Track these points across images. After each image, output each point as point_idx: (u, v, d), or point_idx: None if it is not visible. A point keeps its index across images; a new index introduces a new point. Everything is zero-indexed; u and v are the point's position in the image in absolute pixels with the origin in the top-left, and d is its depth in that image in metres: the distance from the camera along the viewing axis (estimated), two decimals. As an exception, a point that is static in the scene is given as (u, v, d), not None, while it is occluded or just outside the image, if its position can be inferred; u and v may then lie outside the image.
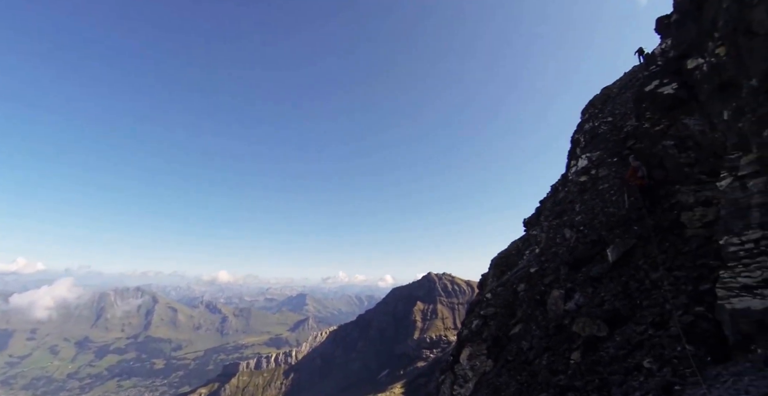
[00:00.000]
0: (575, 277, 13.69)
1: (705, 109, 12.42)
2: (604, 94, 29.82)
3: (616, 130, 21.09)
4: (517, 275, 17.41)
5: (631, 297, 11.18)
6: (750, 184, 8.31)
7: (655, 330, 9.36)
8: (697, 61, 12.44)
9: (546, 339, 12.47)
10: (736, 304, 7.31)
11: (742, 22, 9.37)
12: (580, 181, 19.15)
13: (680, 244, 11.40)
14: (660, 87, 14.19)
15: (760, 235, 7.65)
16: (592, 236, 14.71)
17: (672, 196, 12.97)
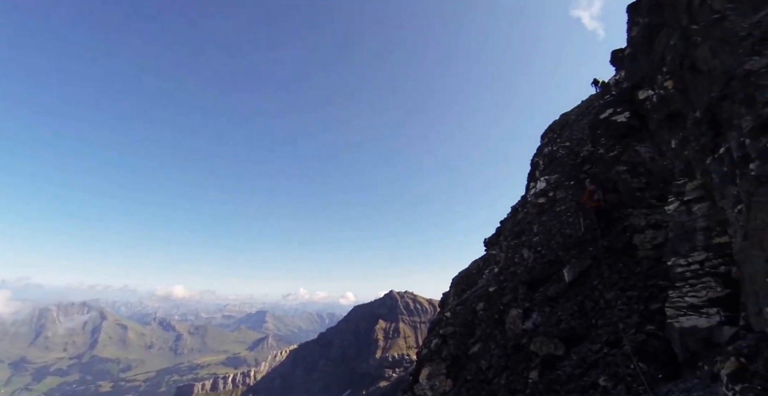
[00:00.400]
0: (533, 297, 13.93)
1: (655, 137, 13.11)
2: (563, 119, 30.98)
3: (573, 154, 21.89)
4: (476, 294, 17.60)
5: (586, 316, 11.43)
6: (695, 208, 8.77)
7: (610, 348, 9.56)
8: (648, 92, 13.15)
9: (505, 358, 12.60)
10: (684, 323, 7.56)
11: (688, 58, 9.99)
12: (538, 202, 19.68)
13: (632, 265, 11.83)
14: (614, 115, 14.90)
15: (704, 257, 8.00)
16: (550, 256, 15.06)
17: (625, 219, 13.50)
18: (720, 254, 7.83)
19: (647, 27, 13.44)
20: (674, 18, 12.22)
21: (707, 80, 9.07)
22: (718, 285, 7.54)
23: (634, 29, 14.62)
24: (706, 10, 10.58)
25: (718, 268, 7.75)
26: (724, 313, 7.16)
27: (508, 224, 22.41)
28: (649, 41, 13.42)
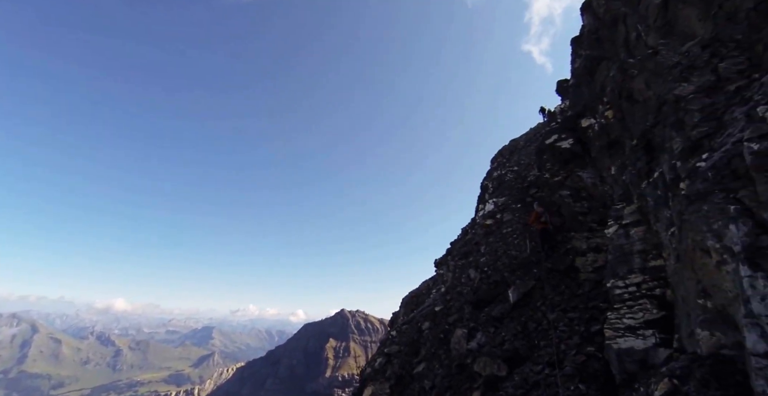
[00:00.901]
0: (478, 317, 13.97)
1: (596, 163, 13.65)
2: (512, 145, 32.06)
3: (520, 178, 22.50)
4: (423, 313, 17.51)
5: (529, 337, 11.52)
6: (632, 232, 9.06)
7: (552, 369, 9.55)
8: (590, 120, 13.73)
9: (448, 378, 12.49)
10: (621, 344, 7.64)
11: (625, 89, 10.51)
12: (486, 224, 20.00)
13: (574, 287, 12.08)
14: (558, 141, 15.44)
15: (641, 279, 8.22)
16: (495, 277, 15.20)
17: (568, 241, 13.87)
18: (655, 277, 8.06)
19: (589, 59, 14.12)
20: (613, 51, 12.93)
21: (643, 110, 9.53)
22: (654, 307, 7.71)
23: (577, 61, 15.34)
24: (641, 44, 11.25)
25: (653, 290, 7.97)
26: (659, 335, 7.30)
27: (458, 245, 22.63)
28: (590, 72, 14.10)
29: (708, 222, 5.11)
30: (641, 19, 11.25)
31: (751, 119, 5.24)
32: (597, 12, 14.26)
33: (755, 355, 4.19)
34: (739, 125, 5.45)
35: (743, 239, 4.51)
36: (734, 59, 7.04)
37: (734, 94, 6.38)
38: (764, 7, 6.53)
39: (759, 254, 4.32)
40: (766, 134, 4.72)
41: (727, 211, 4.85)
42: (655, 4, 10.53)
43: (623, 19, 12.30)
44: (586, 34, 14.78)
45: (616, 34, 12.74)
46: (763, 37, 6.46)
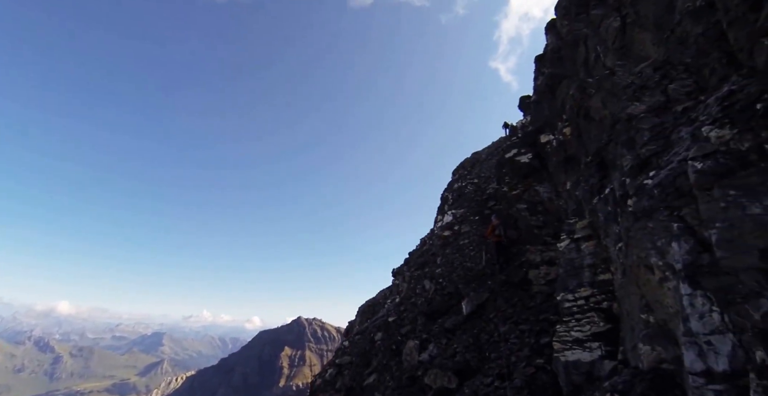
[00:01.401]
0: (431, 328, 13.94)
1: (553, 178, 13.94)
2: (474, 157, 32.56)
3: (480, 191, 22.80)
4: (376, 324, 17.35)
5: (481, 349, 11.53)
6: (583, 246, 9.24)
7: (501, 382, 9.56)
8: (549, 136, 14.02)
9: (399, 390, 12.34)
10: (569, 357, 7.72)
11: (583, 108, 10.80)
12: (443, 235, 20.12)
13: (527, 299, 12.23)
14: (518, 155, 15.72)
15: (590, 293, 8.35)
16: (450, 289, 15.24)
17: (522, 254, 14.06)
18: (604, 290, 8.20)
19: (550, 77, 14.49)
20: (573, 70, 13.30)
21: (598, 128, 9.78)
22: (601, 320, 7.83)
23: (540, 78, 15.71)
24: (599, 65, 11.61)
25: (601, 303, 8.09)
26: (606, 348, 7.40)
27: (415, 255, 22.68)
28: (551, 90, 14.45)
29: (652, 239, 5.22)
30: (601, 41, 11.62)
31: (696, 138, 5.40)
32: (560, 32, 14.70)
33: (692, 374, 4.24)
34: (685, 144, 5.61)
35: (685, 257, 4.60)
36: (683, 81, 7.30)
37: (682, 115, 6.60)
38: (712, 33, 6.79)
39: (699, 273, 4.40)
40: (709, 153, 4.86)
41: (670, 229, 4.95)
42: (614, 27, 10.90)
43: (584, 40, 12.68)
44: (549, 53, 15.18)
45: (577, 54, 13.12)
46: (709, 62, 6.71)
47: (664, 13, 8.80)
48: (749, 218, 4.06)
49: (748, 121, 4.75)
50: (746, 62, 5.87)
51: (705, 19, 7.11)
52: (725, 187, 4.42)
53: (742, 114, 4.94)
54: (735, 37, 5.98)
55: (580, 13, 13.15)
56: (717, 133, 5.00)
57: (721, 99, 5.52)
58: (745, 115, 4.86)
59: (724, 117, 5.18)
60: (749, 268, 3.95)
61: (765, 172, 4.21)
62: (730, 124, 4.97)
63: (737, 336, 3.94)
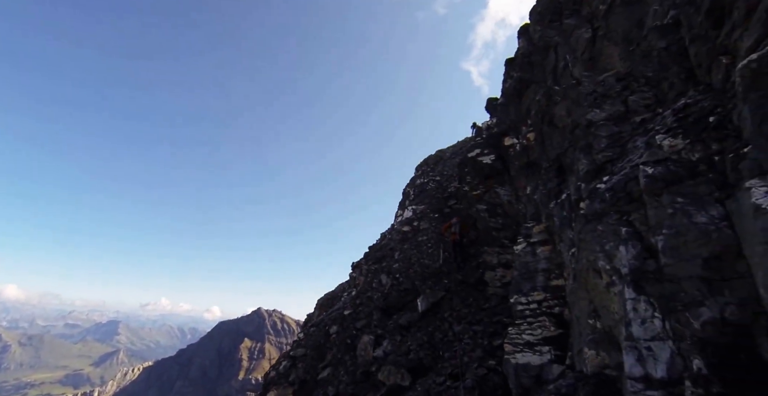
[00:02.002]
0: (386, 324, 13.90)
1: (514, 182, 14.10)
2: (438, 155, 32.74)
3: (441, 188, 22.90)
4: (332, 317, 17.18)
5: (435, 348, 11.55)
6: (539, 250, 9.38)
7: (453, 381, 9.60)
8: (513, 140, 14.17)
9: (352, 385, 12.25)
10: (519, 359, 7.79)
11: (548, 115, 10.95)
12: (402, 230, 20.12)
13: (482, 300, 12.33)
14: (481, 156, 15.83)
15: (543, 297, 8.49)
16: (406, 285, 15.22)
17: (480, 255, 14.20)
18: (556, 295, 8.35)
19: (519, 81, 14.63)
20: (542, 77, 13.47)
21: (561, 135, 9.93)
22: (552, 324, 7.96)
23: (508, 81, 15.85)
24: (567, 74, 11.79)
25: (553, 308, 8.24)
26: (555, 352, 7.53)
27: (375, 249, 22.63)
28: (519, 94, 14.60)
29: (601, 242, 5.31)
30: (570, 50, 11.80)
31: (650, 146, 5.53)
32: (532, 37, 14.87)
33: (631, 379, 4.32)
34: (639, 152, 5.73)
35: (631, 262, 4.69)
36: (643, 93, 7.49)
37: (639, 125, 6.76)
38: (675, 49, 6.97)
39: (644, 278, 4.49)
40: (661, 160, 4.98)
41: (619, 233, 5.05)
42: (584, 38, 11.09)
43: (555, 48, 12.83)
44: (519, 57, 15.31)
45: (547, 60, 13.28)
46: (669, 76, 6.89)
47: (633, 29, 9.00)
48: (695, 227, 4.17)
49: (700, 133, 4.90)
50: (704, 78, 6.04)
51: (670, 35, 7.29)
52: (674, 194, 4.54)
53: (695, 126, 5.08)
54: (695, 53, 6.14)
55: (554, 20, 13.31)
56: (670, 142, 5.14)
57: (676, 111, 5.67)
58: (698, 127, 5.01)
59: (678, 127, 5.32)
60: (692, 276, 4.05)
61: (713, 182, 4.34)
62: (683, 135, 5.11)
63: (676, 343, 4.04)
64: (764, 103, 3.96)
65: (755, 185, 3.75)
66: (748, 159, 3.94)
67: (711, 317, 3.82)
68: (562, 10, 12.90)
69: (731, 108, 4.73)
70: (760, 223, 3.55)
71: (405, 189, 29.40)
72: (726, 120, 4.72)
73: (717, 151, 4.56)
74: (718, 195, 4.26)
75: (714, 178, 4.40)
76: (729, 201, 4.14)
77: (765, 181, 3.71)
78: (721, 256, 3.97)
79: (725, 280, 3.90)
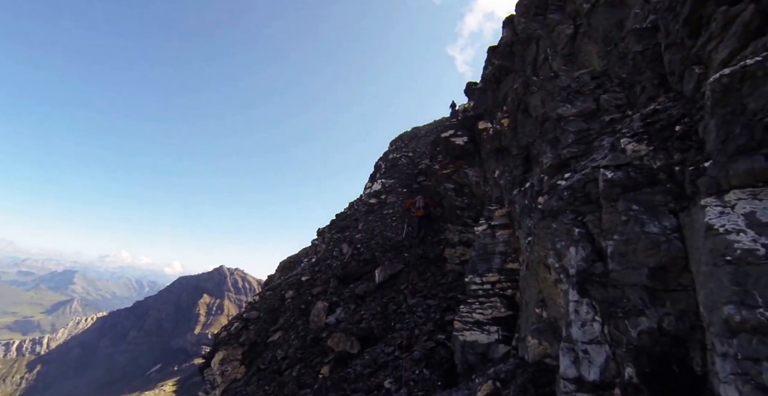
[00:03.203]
0: (342, 292, 14.11)
1: (484, 164, 14.25)
2: (413, 132, 32.81)
3: (412, 164, 23.02)
4: (289, 282, 17.28)
5: (387, 318, 11.76)
6: (498, 233, 9.58)
7: (401, 352, 9.82)
8: (487, 124, 14.24)
9: (302, 350, 12.43)
10: (467, 337, 8.06)
11: (523, 103, 11.02)
12: (369, 202, 20.26)
13: (439, 276, 12.57)
14: (454, 137, 15.88)
15: (497, 279, 8.70)
16: (366, 255, 15.43)
17: (442, 232, 14.44)
18: (510, 278, 8.58)
19: (499, 69, 14.68)
20: (521, 67, 13.56)
21: (534, 125, 10.02)
22: (503, 306, 8.20)
23: (489, 68, 15.85)
24: (546, 66, 11.88)
25: (506, 290, 8.47)
26: (503, 333, 7.79)
27: (340, 217, 22.76)
28: (497, 81, 14.66)
29: (554, 240, 5.43)
30: (551, 44, 11.89)
31: (614, 149, 5.62)
32: (516, 28, 14.89)
33: (564, 379, 4.46)
34: (603, 153, 5.83)
35: (579, 263, 4.81)
36: (615, 94, 7.57)
37: (608, 125, 6.85)
38: (650, 53, 7.02)
39: (590, 281, 4.61)
40: (622, 165, 5.06)
41: (571, 233, 5.16)
42: (566, 33, 11.15)
43: (537, 40, 12.91)
44: (502, 46, 15.33)
45: (528, 51, 13.34)
46: (642, 80, 6.96)
47: (613, 29, 9.04)
48: (645, 236, 4.26)
49: (665, 141, 4.97)
50: (675, 86, 6.10)
51: (647, 39, 7.33)
52: (629, 201, 4.62)
53: (661, 133, 5.16)
54: (670, 60, 6.18)
55: (538, 14, 13.36)
56: (633, 147, 5.21)
57: (644, 116, 5.74)
58: (663, 135, 5.09)
59: (644, 133, 5.39)
60: (636, 284, 4.18)
61: (669, 192, 4.43)
62: (647, 141, 5.18)
63: (613, 349, 4.17)
64: (730, 120, 3.99)
65: (710, 204, 3.79)
66: (706, 175, 3.98)
67: (649, 327, 3.96)
68: (548, 4, 12.97)
69: (698, 119, 4.77)
70: (710, 244, 3.61)
71: (377, 162, 29.41)
72: (691, 131, 4.76)
73: (678, 162, 4.61)
74: (673, 206, 4.34)
75: (672, 188, 4.47)
76: (683, 214, 4.21)
77: (720, 201, 3.75)
78: (667, 267, 4.08)
79: (668, 291, 4.02)
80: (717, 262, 3.50)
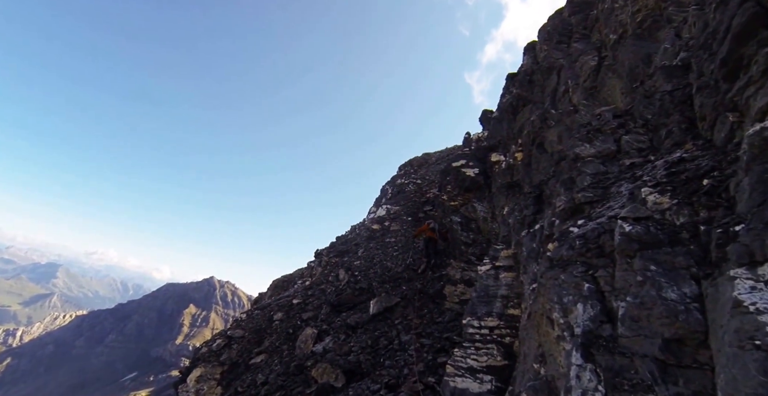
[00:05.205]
0: (333, 320, 13.61)
1: (493, 199, 13.82)
2: (423, 158, 32.59)
3: (420, 192, 22.69)
4: (279, 303, 16.81)
5: (377, 353, 11.26)
6: (502, 275, 9.07)
7: (387, 391, 9.34)
8: (500, 157, 13.88)
9: (283, 377, 11.88)
10: (459, 384, 7.48)
11: (539, 137, 10.62)
12: (372, 227, 19.85)
13: (437, 313, 12.03)
14: (465, 167, 15.53)
15: (496, 324, 8.17)
16: (363, 284, 14.94)
17: (444, 267, 13.95)
18: (510, 325, 8.03)
19: (517, 98, 14.35)
20: (540, 97, 13.18)
21: (549, 162, 9.60)
22: (500, 354, 7.64)
23: (507, 96, 15.59)
24: (566, 99, 11.46)
25: (504, 338, 7.91)
26: (496, 383, 7.20)
27: (340, 241, 22.35)
28: (514, 111, 14.31)
29: (560, 293, 4.85)
30: (574, 76, 11.49)
31: (633, 198, 5.11)
32: (538, 56, 14.58)
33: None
34: (621, 201, 5.32)
35: (586, 323, 4.21)
36: (638, 136, 7.11)
37: (628, 169, 6.37)
38: (680, 95, 6.59)
39: (596, 344, 3.99)
40: (642, 217, 4.54)
41: (580, 288, 4.58)
42: (590, 65, 10.77)
43: (558, 71, 12.56)
44: (521, 74, 15.06)
45: (548, 82, 13.01)
46: (669, 123, 6.51)
47: (640, 64, 8.63)
48: (662, 301, 3.66)
49: (691, 195, 4.42)
50: (705, 133, 5.63)
51: (677, 78, 6.91)
52: (647, 260, 4.05)
53: (687, 185, 4.63)
54: (701, 103, 5.72)
55: (562, 42, 13.03)
56: (655, 198, 4.70)
57: (670, 164, 5.25)
58: (690, 188, 4.56)
59: (667, 183, 4.89)
60: (647, 355, 3.55)
61: (692, 255, 3.82)
62: (671, 193, 4.67)
63: (614, 427, 3.55)
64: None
65: (740, 276, 3.18)
66: (738, 242, 3.38)
67: None
68: (572, 32, 12.61)
69: (730, 174, 4.22)
70: (736, 323, 3.00)
71: (384, 186, 29.15)
72: (721, 186, 4.20)
73: (705, 220, 4.04)
74: (696, 271, 3.74)
75: (695, 250, 3.88)
76: (706, 282, 3.61)
77: (752, 274, 3.13)
78: (683, 340, 3.48)
79: (682, 367, 3.41)
80: (743, 345, 2.88)
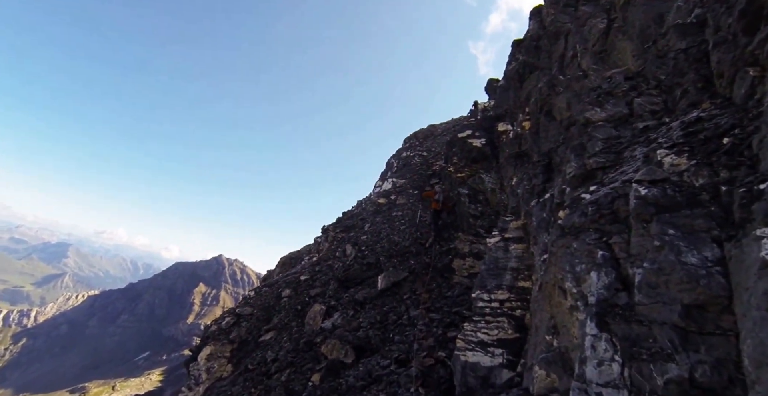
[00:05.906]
0: (341, 296, 13.57)
1: (501, 170, 13.51)
2: (429, 130, 31.94)
3: (426, 165, 22.33)
4: (287, 280, 16.75)
5: (386, 329, 11.21)
6: (512, 247, 8.87)
7: (397, 367, 9.33)
8: (507, 126, 13.51)
9: (293, 354, 11.91)
10: (469, 358, 7.41)
11: (548, 104, 10.25)
12: (378, 201, 19.61)
13: (445, 288, 11.89)
14: (471, 138, 15.16)
15: (506, 297, 8.02)
16: (370, 259, 14.85)
17: (452, 241, 13.75)
18: (521, 297, 7.89)
19: (523, 65, 13.88)
20: (548, 63, 12.72)
21: (558, 129, 9.28)
22: (511, 327, 7.52)
23: (513, 64, 15.10)
24: (574, 64, 11.04)
25: (515, 310, 7.77)
26: (508, 356, 7.11)
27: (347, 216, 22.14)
28: (521, 78, 13.87)
29: (573, 262, 4.64)
30: (582, 40, 11.06)
31: (648, 161, 4.85)
32: (544, 20, 14.06)
33: (574, 426, 3.70)
34: (635, 165, 5.06)
35: (600, 292, 4.01)
36: (651, 98, 6.77)
37: (641, 133, 6.07)
38: (695, 52, 6.23)
39: (611, 313, 3.80)
40: (657, 180, 4.29)
41: (594, 256, 4.36)
42: (598, 28, 10.34)
43: (566, 35, 12.10)
44: (527, 40, 14.55)
45: (556, 47, 12.56)
46: (684, 83, 6.17)
47: (652, 25, 8.20)
48: (682, 266, 3.45)
49: (710, 155, 4.17)
50: (723, 91, 5.31)
51: (692, 36, 6.54)
52: (665, 224, 3.83)
53: (706, 145, 4.37)
54: (718, 60, 5.38)
55: (569, 5, 12.52)
56: (672, 160, 4.45)
57: (686, 124, 4.97)
58: (709, 148, 4.30)
59: (684, 144, 4.63)
60: (666, 322, 3.37)
61: (713, 217, 3.60)
62: (689, 153, 4.41)
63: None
64: (795, 134, 3.18)
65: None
66: (764, 200, 3.16)
67: (678, 375, 3.17)
68: (581, -5, 12.07)
69: (752, 131, 3.96)
70: (764, 285, 2.79)
71: (389, 160, 28.72)
72: (743, 145, 3.96)
73: (726, 180, 3.81)
74: (718, 234, 3.52)
75: (716, 212, 3.66)
76: (729, 244, 3.38)
77: None
78: (705, 306, 3.28)
79: (703, 335, 3.23)
80: (774, 308, 2.70)
